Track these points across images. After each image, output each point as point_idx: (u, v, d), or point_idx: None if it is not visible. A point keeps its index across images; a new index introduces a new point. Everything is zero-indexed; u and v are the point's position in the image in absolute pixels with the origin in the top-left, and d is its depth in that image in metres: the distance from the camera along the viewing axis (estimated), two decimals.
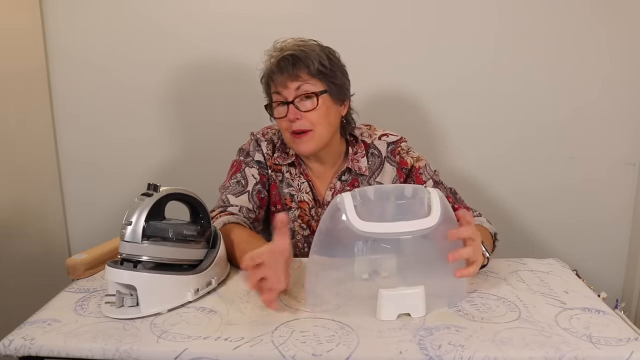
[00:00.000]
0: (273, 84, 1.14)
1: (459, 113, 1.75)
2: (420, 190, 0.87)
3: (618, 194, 1.79)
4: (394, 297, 0.83)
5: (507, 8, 1.67)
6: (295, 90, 1.11)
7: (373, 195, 0.86)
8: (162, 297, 0.86)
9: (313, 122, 1.13)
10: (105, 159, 1.81)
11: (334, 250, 0.85)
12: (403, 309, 0.84)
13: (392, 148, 1.25)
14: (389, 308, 0.83)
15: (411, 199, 0.86)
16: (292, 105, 1.12)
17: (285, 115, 1.13)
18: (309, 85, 1.12)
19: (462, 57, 1.70)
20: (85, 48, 1.72)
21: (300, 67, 1.10)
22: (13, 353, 0.76)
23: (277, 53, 1.13)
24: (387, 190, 0.90)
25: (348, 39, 1.28)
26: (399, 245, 0.85)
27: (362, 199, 0.84)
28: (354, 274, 0.86)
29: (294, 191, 1.25)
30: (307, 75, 1.11)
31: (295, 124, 1.12)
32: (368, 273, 0.89)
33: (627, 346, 0.75)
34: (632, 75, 1.70)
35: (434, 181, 1.21)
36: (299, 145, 1.15)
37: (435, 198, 0.85)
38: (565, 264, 1.09)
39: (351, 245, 0.83)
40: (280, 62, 1.11)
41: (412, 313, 0.84)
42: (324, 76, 1.12)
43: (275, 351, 0.74)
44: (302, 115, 1.12)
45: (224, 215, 1.14)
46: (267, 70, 1.16)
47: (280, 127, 1.17)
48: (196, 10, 1.69)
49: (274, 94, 1.15)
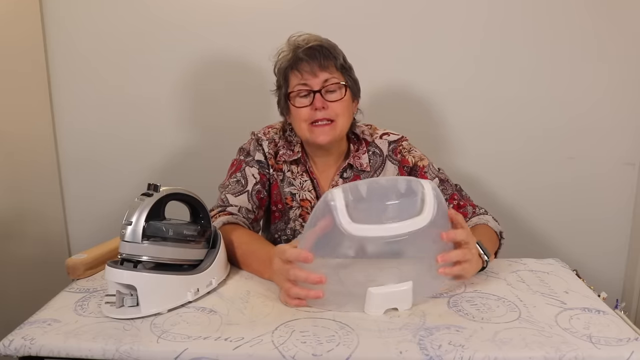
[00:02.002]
0: (299, 72, 1.14)
1: (461, 113, 1.75)
2: (414, 183, 0.84)
3: (618, 194, 1.79)
4: (383, 294, 0.83)
5: (512, 11, 1.67)
6: (323, 82, 1.13)
7: (365, 193, 0.83)
8: (162, 297, 0.86)
9: (337, 113, 1.14)
10: (105, 159, 1.81)
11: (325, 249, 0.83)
12: (391, 304, 0.85)
13: (394, 147, 1.25)
14: (377, 304, 0.84)
15: (404, 196, 0.83)
16: (318, 94, 1.13)
17: (310, 104, 1.14)
18: (335, 78, 1.14)
19: (466, 59, 1.71)
20: (85, 48, 1.72)
21: (329, 58, 1.13)
22: (13, 353, 0.76)
23: (303, 44, 1.14)
24: (380, 186, 0.86)
25: (352, 39, 1.28)
26: (393, 245, 0.83)
27: (353, 196, 0.82)
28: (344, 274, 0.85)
29: (296, 190, 1.25)
30: (333, 67, 1.14)
31: (320, 112, 1.13)
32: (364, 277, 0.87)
33: (627, 346, 0.75)
34: (632, 76, 1.70)
35: (440, 179, 1.21)
36: (319, 135, 1.15)
37: (429, 193, 0.83)
38: (565, 264, 1.09)
39: (342, 246, 0.82)
40: (310, 51, 1.12)
41: (400, 307, 0.85)
42: (345, 71, 1.17)
43: (275, 351, 0.74)
44: (327, 105, 1.13)
45: (223, 215, 1.13)
46: (291, 60, 1.15)
47: (298, 117, 1.16)
48: (196, 9, 1.69)
49: (298, 84, 1.15)
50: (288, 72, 1.16)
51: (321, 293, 0.83)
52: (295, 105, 1.16)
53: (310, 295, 0.84)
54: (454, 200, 1.19)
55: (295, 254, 0.83)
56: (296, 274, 0.83)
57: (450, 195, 1.19)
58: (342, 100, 1.15)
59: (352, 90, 1.19)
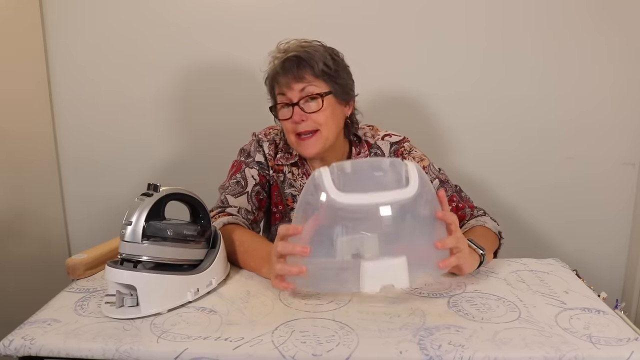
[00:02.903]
0: (277, 85, 1.14)
1: (461, 114, 1.75)
2: (397, 162, 0.85)
3: (618, 194, 1.79)
4: (376, 268, 0.82)
5: (510, 11, 1.67)
6: (300, 92, 1.11)
7: (350, 169, 0.85)
8: (162, 297, 0.86)
9: (319, 123, 1.12)
10: (105, 159, 1.81)
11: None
12: (386, 280, 0.83)
13: (395, 148, 1.25)
14: (371, 279, 0.82)
15: (389, 171, 0.85)
16: (297, 107, 1.11)
17: (290, 117, 1.13)
18: (314, 87, 1.11)
19: (466, 60, 1.71)
20: (85, 48, 1.72)
21: (304, 68, 1.10)
22: (13, 353, 0.76)
23: (281, 54, 1.13)
24: (364, 163, 0.89)
25: (352, 39, 1.28)
26: (380, 220, 0.83)
27: (339, 172, 0.84)
28: (336, 256, 0.84)
29: (296, 192, 1.25)
30: (311, 76, 1.11)
31: (301, 125, 1.12)
32: (351, 254, 0.85)
33: (627, 346, 0.75)
34: (631, 76, 1.70)
35: (440, 180, 1.21)
36: (304, 149, 1.15)
37: (413, 170, 0.84)
38: (565, 264, 1.09)
39: (332, 221, 0.82)
40: (285, 63, 1.11)
41: (396, 284, 0.83)
42: (328, 77, 1.12)
43: (275, 351, 0.74)
44: (307, 116, 1.12)
45: (223, 216, 1.13)
46: (271, 72, 1.15)
47: (285, 129, 1.17)
48: (196, 10, 1.69)
49: (279, 95, 1.15)
50: (273, 83, 1.16)
51: (304, 269, 0.83)
52: (279, 117, 1.16)
53: (293, 271, 0.84)
54: (452, 202, 1.18)
55: (285, 228, 0.85)
56: (283, 246, 0.85)
57: (449, 196, 1.19)
58: (322, 110, 1.12)
59: (338, 95, 1.15)
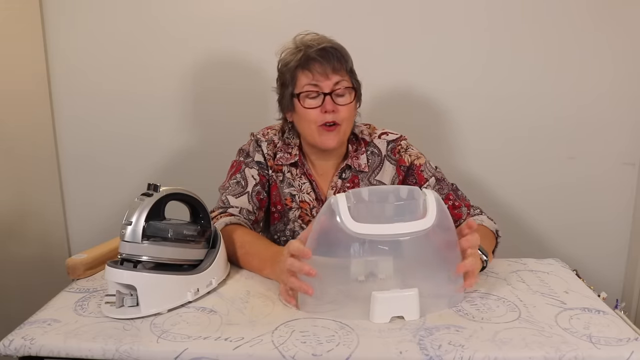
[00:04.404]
0: (310, 73, 1.13)
1: (460, 113, 1.74)
2: (415, 191, 0.86)
3: (618, 194, 1.79)
4: (387, 299, 0.82)
5: (511, 11, 1.67)
6: (335, 84, 1.13)
7: (367, 197, 0.85)
8: (162, 297, 0.86)
9: (343, 117, 1.14)
10: (105, 159, 1.81)
11: (329, 250, 0.85)
12: (396, 311, 0.83)
13: (392, 146, 1.25)
14: (382, 310, 0.82)
15: (406, 200, 0.85)
16: (329, 96, 1.12)
17: (318, 106, 1.13)
18: (346, 82, 1.14)
19: (466, 59, 1.70)
20: (85, 48, 1.72)
21: (342, 61, 1.13)
22: (13, 353, 0.76)
23: (314, 44, 1.13)
24: (382, 191, 0.89)
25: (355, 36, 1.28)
26: (396, 246, 0.84)
27: (356, 200, 0.84)
28: (350, 275, 0.85)
29: (295, 191, 1.25)
30: (344, 71, 1.14)
31: (330, 115, 1.13)
32: (364, 275, 0.87)
33: (627, 346, 0.75)
34: (631, 76, 1.70)
35: (436, 178, 1.21)
36: (327, 139, 1.15)
37: (431, 199, 0.84)
38: (565, 264, 1.09)
39: (346, 246, 0.82)
40: (324, 52, 1.11)
41: (406, 316, 0.83)
42: (352, 75, 1.17)
43: (275, 351, 0.74)
44: (337, 108, 1.13)
45: (224, 216, 1.13)
46: (301, 59, 1.13)
47: (306, 118, 1.15)
48: (196, 10, 1.68)
49: (308, 85, 1.14)
50: (297, 72, 1.15)
51: (311, 290, 0.83)
52: (305, 106, 1.15)
53: (301, 287, 0.85)
54: (449, 200, 1.18)
55: (296, 247, 0.85)
56: (292, 263, 0.85)
57: (445, 194, 1.19)
58: (350, 105, 1.15)
59: (358, 94, 1.19)
